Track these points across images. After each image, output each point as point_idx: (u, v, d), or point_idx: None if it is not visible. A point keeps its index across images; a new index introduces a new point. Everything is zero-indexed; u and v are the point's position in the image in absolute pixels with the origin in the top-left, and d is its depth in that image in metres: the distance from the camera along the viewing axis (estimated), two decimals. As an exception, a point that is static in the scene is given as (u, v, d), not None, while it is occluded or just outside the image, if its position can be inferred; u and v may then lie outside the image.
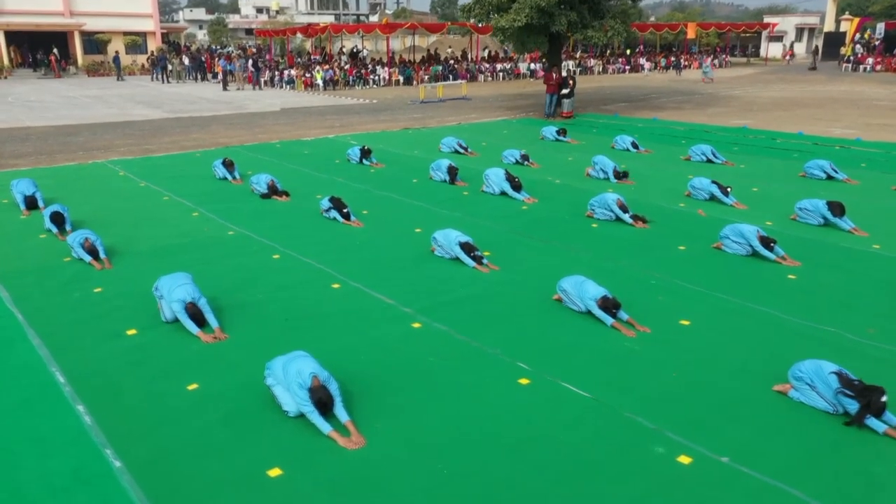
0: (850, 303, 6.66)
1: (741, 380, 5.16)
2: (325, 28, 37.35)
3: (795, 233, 8.92)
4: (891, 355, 5.55)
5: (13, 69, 41.39)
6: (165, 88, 32.88)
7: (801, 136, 17.16)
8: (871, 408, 4.40)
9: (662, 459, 4.21)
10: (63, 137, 17.28)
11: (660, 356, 5.54)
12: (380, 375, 5.24)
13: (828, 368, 4.68)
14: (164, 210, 10.18)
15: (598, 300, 6.10)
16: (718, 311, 6.47)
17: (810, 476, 4.04)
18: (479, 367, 5.37)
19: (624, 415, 4.68)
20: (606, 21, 19.49)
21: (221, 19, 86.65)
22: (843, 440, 4.40)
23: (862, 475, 4.06)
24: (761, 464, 4.14)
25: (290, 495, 3.89)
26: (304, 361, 4.67)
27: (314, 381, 4.52)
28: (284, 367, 4.67)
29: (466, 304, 6.60)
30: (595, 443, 4.39)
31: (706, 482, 4.00)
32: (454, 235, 7.80)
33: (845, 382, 4.54)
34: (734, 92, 30.22)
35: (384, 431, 4.50)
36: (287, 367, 4.65)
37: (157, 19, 46.78)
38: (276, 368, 4.72)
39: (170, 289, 5.98)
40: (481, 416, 4.69)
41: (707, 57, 39.95)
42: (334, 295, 6.87)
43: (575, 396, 4.93)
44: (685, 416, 4.66)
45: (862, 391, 4.46)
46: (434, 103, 26.15)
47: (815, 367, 4.75)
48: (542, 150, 15.19)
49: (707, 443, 4.35)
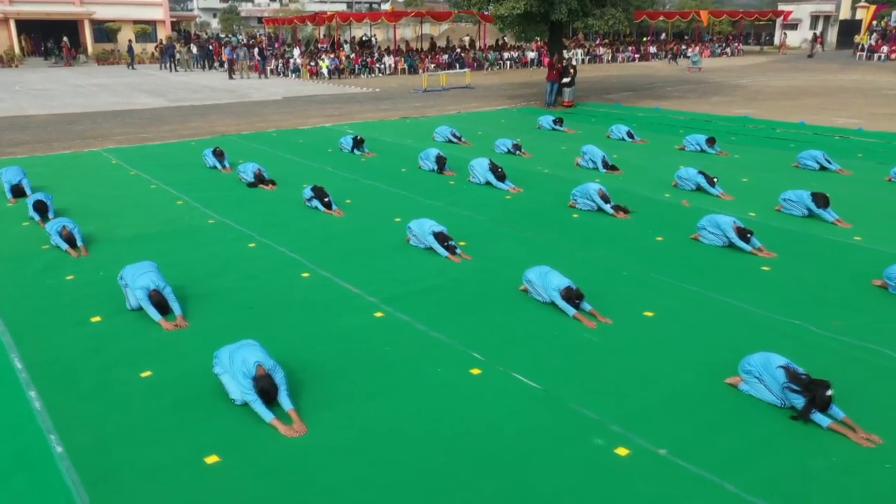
0: (821, 295, 6.59)
1: (695, 372, 5.13)
2: (333, 16, 37.26)
3: (778, 224, 8.82)
4: (850, 349, 5.49)
5: (24, 58, 41.71)
6: (172, 77, 33.02)
7: (802, 125, 16.94)
8: (815, 403, 4.36)
9: (600, 451, 4.20)
10: (63, 126, 17.42)
11: (617, 347, 5.52)
12: (334, 364, 5.26)
13: (776, 362, 4.64)
14: (149, 198, 10.25)
15: (561, 291, 6.08)
16: (685, 302, 6.43)
17: (745, 469, 4.02)
18: (434, 356, 5.38)
19: (569, 406, 4.67)
20: (607, 9, 19.29)
21: (234, 7, 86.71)
22: (785, 434, 4.36)
23: (798, 469, 4.03)
24: (698, 457, 4.12)
25: (224, 482, 3.93)
26: (251, 350, 4.70)
27: (258, 369, 4.55)
28: (231, 355, 4.70)
29: (432, 293, 6.60)
30: (535, 433, 4.39)
31: (640, 474, 3.99)
32: (428, 225, 7.79)
33: (792, 377, 4.50)
34: (742, 81, 29.85)
35: (328, 420, 4.53)
36: (233, 356, 4.68)
37: (166, 8, 46.90)
38: (224, 357, 4.75)
39: (134, 277, 6.04)
40: (427, 406, 4.71)
41: (695, 46, 39.43)
42: (303, 284, 6.90)
43: (524, 387, 4.93)
44: (631, 409, 4.64)
45: (807, 386, 4.42)
46: (437, 92, 26.06)
47: (763, 361, 4.71)
48: (537, 140, 15.12)
49: (648, 435, 4.33)
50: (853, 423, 4.38)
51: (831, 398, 4.38)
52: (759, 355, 4.79)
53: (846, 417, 4.42)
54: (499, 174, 10.64)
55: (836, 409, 4.44)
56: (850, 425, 4.37)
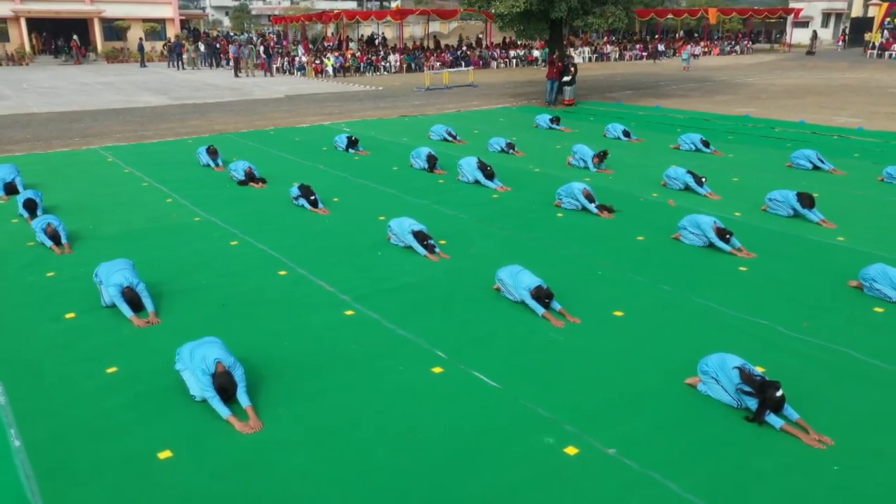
0: (795, 296, 6.56)
1: (656, 372, 5.14)
2: (339, 14, 37.38)
3: (762, 224, 8.79)
4: (814, 350, 5.48)
5: (34, 56, 42.13)
6: (178, 75, 33.23)
7: (802, 124, 16.83)
8: (767, 404, 4.36)
9: (549, 450, 4.22)
10: (64, 124, 17.60)
11: (581, 347, 5.53)
12: (298, 361, 5.31)
13: (731, 363, 4.65)
14: (140, 196, 10.36)
15: (531, 290, 6.10)
16: (657, 302, 6.43)
17: (690, 469, 4.03)
18: (398, 354, 5.42)
19: (525, 405, 4.70)
20: (608, 7, 19.24)
21: (244, 6, 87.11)
22: (736, 434, 4.37)
23: (745, 469, 4.03)
24: (646, 456, 4.14)
25: (174, 476, 3.99)
26: (211, 347, 4.76)
27: (218, 366, 4.60)
28: (192, 352, 4.77)
29: (406, 292, 6.64)
30: (488, 431, 4.42)
31: (585, 473, 4.01)
32: (408, 224, 7.83)
33: (745, 378, 4.50)
34: (749, 79, 29.68)
35: (284, 416, 4.58)
36: (194, 353, 4.74)
37: (175, 6, 47.19)
38: (185, 354, 4.82)
39: (108, 274, 6.12)
40: (384, 403, 4.75)
41: (687, 44, 39.23)
42: (279, 281, 6.96)
43: (483, 385, 4.96)
44: (586, 408, 4.66)
45: (760, 387, 4.41)
46: (439, 90, 26.11)
47: (720, 361, 4.72)
48: (533, 139, 15.13)
49: (599, 434, 4.35)
50: (806, 425, 4.37)
51: (783, 399, 4.38)
52: (716, 356, 4.79)
53: (800, 419, 4.42)
54: (487, 172, 10.66)
55: (790, 410, 4.44)
56: (804, 426, 4.37)
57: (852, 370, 5.17)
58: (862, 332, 5.80)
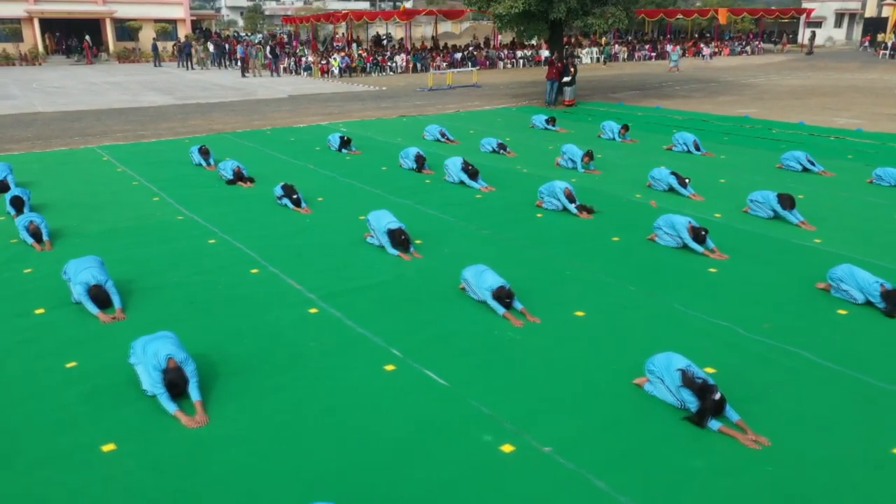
0: (761, 297, 6.56)
1: (606, 372, 5.16)
2: (347, 15, 37.57)
3: (742, 226, 8.78)
4: (769, 351, 5.48)
5: (47, 56, 42.66)
6: (187, 75, 33.53)
7: (801, 125, 16.74)
8: (707, 409, 4.36)
9: (486, 447, 4.27)
10: (67, 123, 17.84)
11: (536, 346, 5.57)
12: (256, 358, 5.39)
13: (676, 364, 4.67)
14: (128, 194, 10.50)
15: (493, 291, 6.14)
16: (620, 302, 6.45)
17: (623, 468, 4.06)
18: (354, 352, 5.48)
19: (470, 403, 4.75)
20: (608, 8, 19.21)
21: (258, 6, 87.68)
22: (674, 434, 4.39)
23: (677, 469, 4.06)
24: (580, 455, 4.17)
25: (114, 469, 4.08)
26: (163, 343, 4.84)
27: (169, 362, 4.69)
28: (145, 346, 4.86)
29: (373, 291, 6.71)
30: (429, 429, 4.47)
31: (516, 471, 4.05)
32: (385, 221, 7.87)
33: (686, 381, 4.51)
34: (755, 80, 29.51)
35: (232, 411, 4.66)
36: (147, 347, 4.83)
37: (186, 6, 47.60)
38: (138, 348, 4.91)
39: (76, 271, 6.23)
40: (332, 400, 4.81)
41: (675, 45, 39.02)
42: (249, 279, 7.05)
43: (431, 384, 5.01)
44: (530, 406, 4.70)
45: (700, 390, 4.43)
46: (442, 91, 26.17)
47: (665, 362, 4.74)
48: (528, 139, 15.16)
49: (538, 433, 4.39)
50: (745, 426, 4.39)
51: (722, 402, 4.39)
52: (662, 356, 4.82)
53: (740, 420, 4.43)
54: (470, 172, 10.71)
55: (730, 412, 4.46)
56: (743, 427, 4.38)
57: (804, 372, 5.17)
58: (822, 334, 5.80)
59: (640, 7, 50.05)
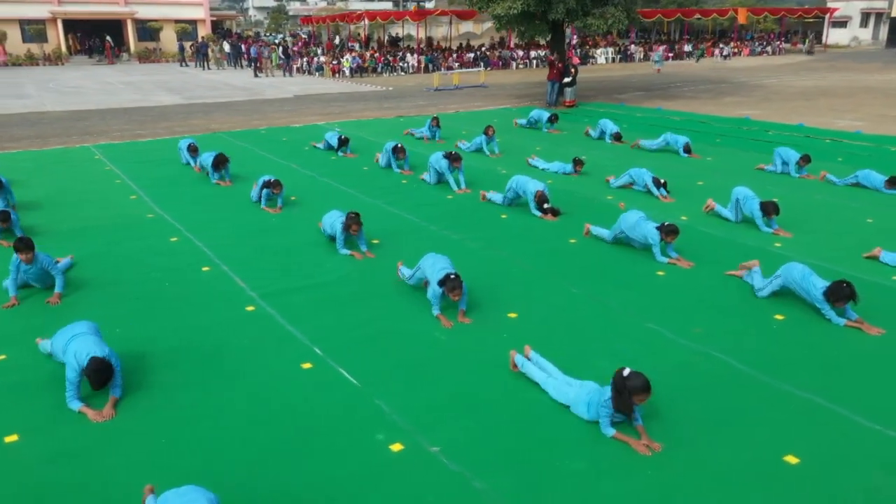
0: (703, 301, 6.50)
1: (513, 374, 5.17)
2: (362, 15, 37.85)
3: (705, 228, 8.71)
4: (694, 355, 5.45)
5: (70, 56, 43.58)
6: (202, 75, 34.03)
7: (800, 127, 16.49)
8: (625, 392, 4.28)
9: (376, 446, 4.32)
10: (70, 122, 18.24)
11: (458, 347, 5.60)
12: (181, 355, 5.49)
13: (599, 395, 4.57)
14: (108, 192, 10.71)
15: (439, 280, 6.10)
16: (557, 304, 6.45)
17: (503, 470, 4.07)
18: (276, 350, 5.56)
19: (373, 402, 4.80)
20: (607, 8, 19.10)
21: (282, 7, 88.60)
22: (563, 437, 4.40)
23: (559, 471, 4.07)
24: (466, 456, 4.20)
25: (12, 460, 4.20)
26: (84, 341, 4.87)
27: (91, 362, 4.74)
28: (66, 344, 4.94)
29: (315, 289, 6.79)
30: (328, 427, 4.53)
31: (400, 470, 4.09)
32: (335, 216, 7.97)
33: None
34: (769, 80, 29.11)
35: (142, 406, 4.76)
36: (68, 346, 4.90)
37: (206, 7, 48.29)
38: (59, 342, 5.02)
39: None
40: (243, 397, 4.89)
41: (658, 46, 38.52)
42: (199, 277, 7.17)
43: (343, 382, 5.07)
44: (429, 406, 4.73)
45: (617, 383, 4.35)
46: (448, 91, 26.23)
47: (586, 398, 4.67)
48: (519, 139, 15.13)
49: (432, 433, 4.42)
50: (643, 430, 4.37)
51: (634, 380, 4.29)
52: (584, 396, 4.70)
53: (640, 425, 4.40)
54: (452, 156, 10.61)
55: (637, 415, 4.41)
56: (639, 432, 4.36)
57: (719, 377, 5.14)
58: (750, 339, 5.74)
59: (661, 7, 49.82)
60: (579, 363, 5.29)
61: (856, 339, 5.72)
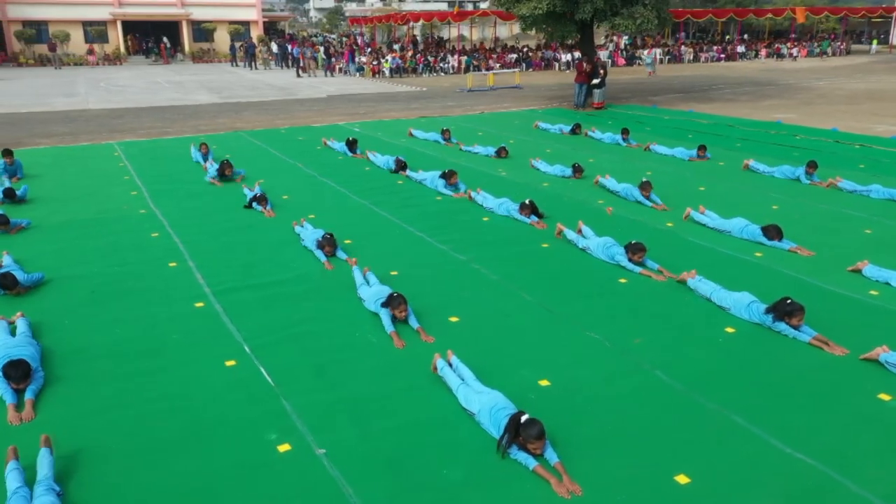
0: (657, 311, 6.28)
1: (423, 378, 5.10)
2: (406, 16, 38.10)
3: (688, 236, 8.42)
4: (623, 367, 5.27)
5: (129, 56, 45.24)
6: (248, 75, 34.84)
7: (831, 132, 15.78)
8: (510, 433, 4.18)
9: (265, 445, 4.32)
10: (106, 119, 18.93)
11: (383, 350, 5.55)
12: (116, 348, 5.61)
13: (502, 410, 4.45)
14: (111, 188, 11.05)
15: (381, 302, 6.10)
16: (504, 310, 6.33)
17: (379, 478, 4.01)
18: (208, 346, 5.62)
19: (280, 402, 4.80)
20: (636, 8, 18.67)
21: (339, 8, 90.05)
22: (441, 446, 4.31)
23: (433, 482, 3.98)
24: (348, 460, 4.16)
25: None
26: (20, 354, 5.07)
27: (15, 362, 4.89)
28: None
29: (266, 288, 6.84)
30: (225, 423, 4.55)
31: (280, 470, 4.08)
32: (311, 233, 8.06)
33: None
34: (818, 83, 28.01)
35: (60, 400, 4.86)
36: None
37: (259, 8, 49.41)
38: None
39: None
40: (162, 391, 4.95)
41: (651, 48, 37.09)
42: (162, 273, 7.31)
43: (259, 380, 5.09)
44: (332, 409, 4.70)
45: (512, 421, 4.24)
46: (482, 92, 26.13)
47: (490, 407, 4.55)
48: (533, 139, 14.96)
49: (324, 435, 4.40)
50: (563, 470, 4.02)
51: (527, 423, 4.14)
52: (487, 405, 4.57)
53: (559, 463, 4.08)
54: (447, 175, 10.58)
55: (550, 452, 4.13)
56: (560, 471, 4.03)
57: (642, 390, 4.95)
58: (690, 352, 5.52)
59: (718, 6, 48.47)
60: (502, 371, 5.18)
61: (805, 357, 5.42)
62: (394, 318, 5.94)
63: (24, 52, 41.69)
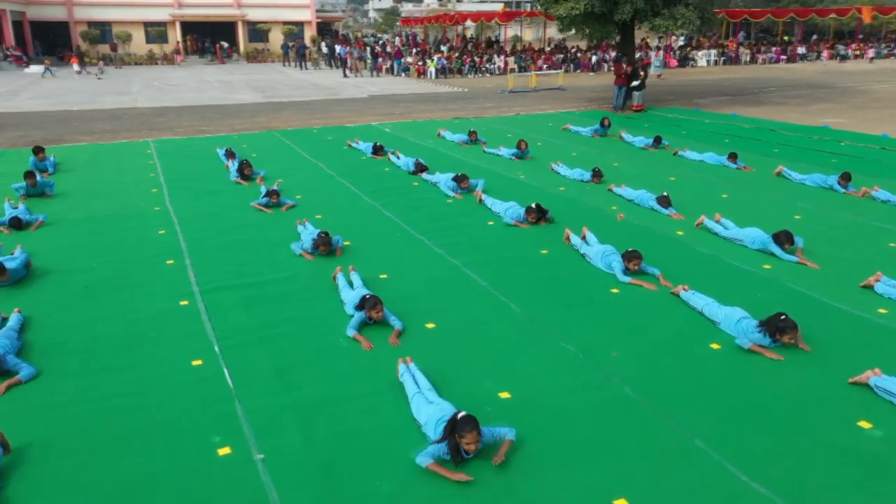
0: (643, 323, 6.04)
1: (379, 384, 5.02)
2: (454, 17, 38.09)
3: (696, 245, 8.09)
4: (592, 380, 5.09)
5: (186, 56, 46.59)
6: (296, 74, 35.42)
7: (880, 138, 14.99)
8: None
9: (207, 447, 4.31)
10: (148, 118, 19.49)
11: (352, 354, 5.50)
12: (96, 344, 5.71)
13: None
14: (135, 185, 11.32)
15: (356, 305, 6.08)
16: (481, 317, 6.18)
17: (308, 487, 3.96)
18: (179, 345, 5.67)
19: (232, 404, 4.79)
20: (678, 8, 18.15)
21: (395, 9, 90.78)
22: (379, 455, 4.21)
23: (365, 492, 3.90)
24: (282, 466, 4.12)
25: None
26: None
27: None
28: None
29: (252, 287, 6.87)
30: (174, 423, 4.57)
31: (219, 474, 4.06)
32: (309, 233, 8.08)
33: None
34: (879, 86, 26.76)
35: (18, 396, 4.95)
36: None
37: (312, 9, 50.20)
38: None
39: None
40: (126, 387, 5.01)
41: (658, 51, 35.46)
42: (157, 270, 7.42)
43: (219, 381, 5.09)
44: (281, 413, 4.67)
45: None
46: (523, 93, 25.88)
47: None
48: (561, 144, 14.71)
49: (266, 439, 4.37)
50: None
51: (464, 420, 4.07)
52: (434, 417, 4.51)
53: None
54: (458, 178, 10.50)
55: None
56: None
57: (605, 405, 4.76)
58: (665, 368, 5.27)
59: (783, 6, 46.79)
60: (464, 381, 5.07)
61: (789, 378, 5.12)
62: (370, 319, 5.89)
63: (89, 53, 43.39)
